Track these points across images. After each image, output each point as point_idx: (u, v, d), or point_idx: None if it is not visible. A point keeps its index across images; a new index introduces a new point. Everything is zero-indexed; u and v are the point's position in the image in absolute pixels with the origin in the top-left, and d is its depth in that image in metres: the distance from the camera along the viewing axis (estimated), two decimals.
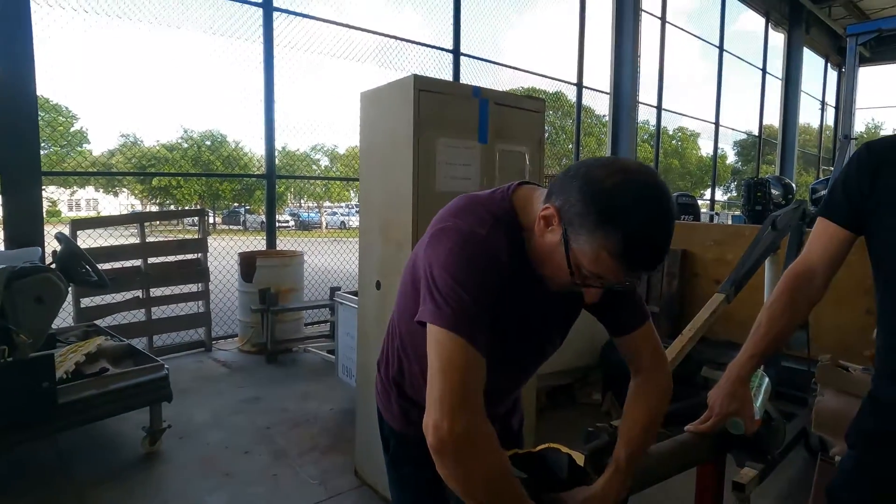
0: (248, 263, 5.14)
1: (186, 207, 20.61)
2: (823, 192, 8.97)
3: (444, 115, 2.34)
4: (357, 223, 3.16)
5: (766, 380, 1.49)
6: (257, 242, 6.12)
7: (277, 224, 6.23)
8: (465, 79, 7.47)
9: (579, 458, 1.11)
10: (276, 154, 5.89)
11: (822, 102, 18.53)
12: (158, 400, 3.12)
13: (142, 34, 5.20)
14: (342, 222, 21.07)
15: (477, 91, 2.43)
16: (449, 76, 7.35)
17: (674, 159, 20.87)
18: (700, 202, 13.46)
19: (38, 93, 4.34)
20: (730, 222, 13.81)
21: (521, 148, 2.63)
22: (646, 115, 11.06)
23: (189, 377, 4.37)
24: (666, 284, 4.64)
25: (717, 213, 13.66)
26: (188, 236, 5.53)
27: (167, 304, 4.98)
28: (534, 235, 0.98)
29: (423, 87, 2.29)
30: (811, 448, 3.27)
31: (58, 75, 4.64)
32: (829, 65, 18.07)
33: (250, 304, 4.98)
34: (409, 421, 1.23)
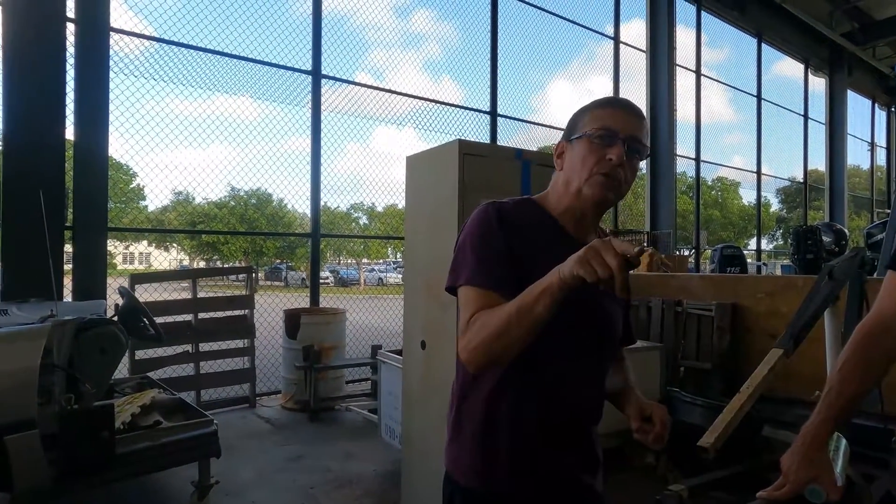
0: (292, 320, 5.23)
1: (232, 263, 21.31)
2: (880, 236, 8.61)
3: (487, 176, 2.40)
4: (394, 279, 3.19)
5: (844, 442, 1.40)
6: (299, 299, 6.24)
7: (319, 276, 6.36)
8: (501, 136, 7.65)
9: None
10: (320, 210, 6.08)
11: (871, 143, 18.04)
12: (208, 455, 3.14)
13: (198, 99, 5.55)
14: (380, 279, 21.32)
15: (519, 153, 2.48)
16: (484, 133, 7.54)
17: (714, 210, 20.55)
18: (745, 252, 13.14)
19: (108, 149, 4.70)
20: (779, 272, 13.35)
21: None
22: (684, 166, 11.01)
23: (234, 433, 4.39)
24: (717, 340, 4.48)
25: (764, 264, 13.23)
26: (233, 292, 5.70)
27: (215, 359, 5.09)
28: (559, 187, 1.21)
29: (467, 150, 2.36)
30: None
31: (121, 135, 4.99)
32: (876, 105, 17.70)
33: (294, 360, 5.03)
34: (477, 472, 1.17)
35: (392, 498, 3.11)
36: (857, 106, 16.41)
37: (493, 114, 7.53)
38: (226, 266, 15.40)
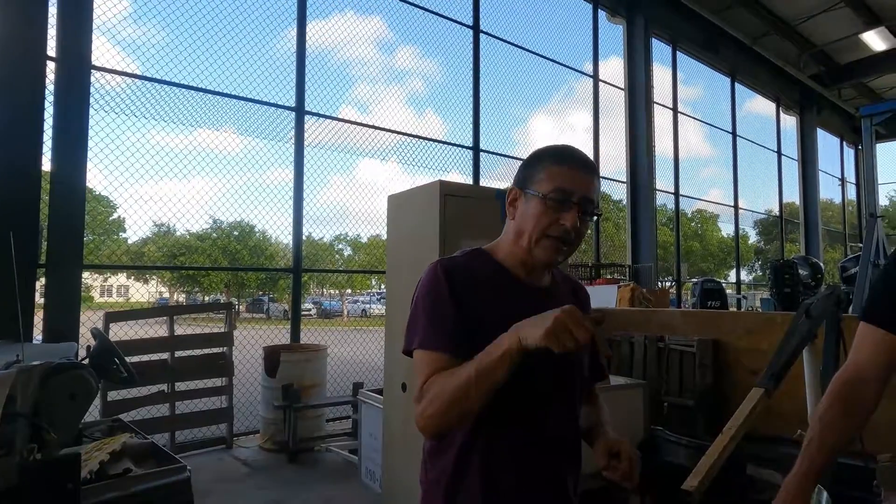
0: (272, 358, 5.13)
1: (213, 295, 20.97)
2: (854, 270, 8.80)
3: (468, 216, 2.41)
4: (378, 311, 3.16)
5: (825, 495, 1.40)
6: (281, 332, 6.14)
7: (300, 311, 6.29)
8: (484, 168, 7.74)
9: None
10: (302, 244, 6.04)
11: (842, 179, 18.59)
12: None
13: (181, 133, 5.54)
14: (363, 310, 21.14)
15: (500, 194, 2.50)
16: (467, 167, 7.62)
17: (694, 242, 20.86)
18: (725, 284, 13.30)
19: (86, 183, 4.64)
20: (758, 303, 13.53)
21: None
22: (663, 199, 11.21)
23: (210, 477, 4.25)
24: (699, 376, 4.48)
25: (744, 297, 13.40)
26: (214, 325, 5.59)
27: (191, 399, 4.95)
28: (510, 236, 1.21)
29: (448, 191, 2.37)
30: None
31: (103, 168, 4.96)
32: (844, 143, 18.31)
33: (273, 399, 4.92)
34: None
35: None
36: (827, 143, 16.96)
37: (476, 149, 7.62)
38: (204, 303, 15.16)
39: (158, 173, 5.47)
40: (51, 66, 4.44)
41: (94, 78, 4.72)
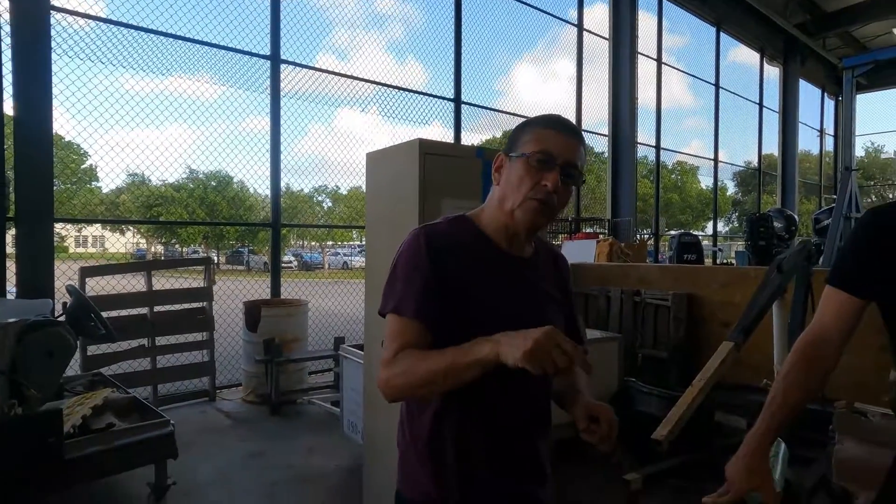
0: (252, 313, 5.13)
1: (192, 247, 20.72)
2: (827, 222, 8.99)
3: (448, 176, 2.38)
4: (359, 263, 3.16)
5: (784, 447, 1.46)
6: (261, 284, 6.12)
7: (280, 266, 6.25)
8: (466, 119, 7.62)
9: None
10: (281, 194, 5.96)
11: (821, 131, 18.71)
12: (164, 457, 3.07)
13: (154, 79, 5.33)
14: (345, 262, 21.14)
15: (480, 152, 2.47)
16: (448, 118, 7.49)
17: (674, 194, 21.03)
18: (702, 234, 13.49)
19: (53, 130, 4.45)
20: (733, 255, 13.81)
21: None
22: (645, 151, 11.20)
23: (193, 429, 4.31)
24: (673, 329, 4.61)
25: (720, 249, 13.66)
26: (193, 278, 5.55)
27: (172, 353, 4.96)
28: (494, 201, 1.21)
29: (428, 150, 2.33)
30: (834, 496, 3.19)
31: (72, 115, 4.78)
32: (825, 94, 18.33)
33: (254, 354, 4.95)
34: (426, 491, 1.18)
35: (354, 494, 3.11)
36: (809, 95, 16.96)
37: (458, 101, 7.47)
38: (182, 258, 14.97)
39: (131, 120, 5.28)
40: (4, 5, 4.18)
41: (56, 20, 4.47)
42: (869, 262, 1.21)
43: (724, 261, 12.87)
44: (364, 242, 3.75)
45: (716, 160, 13.05)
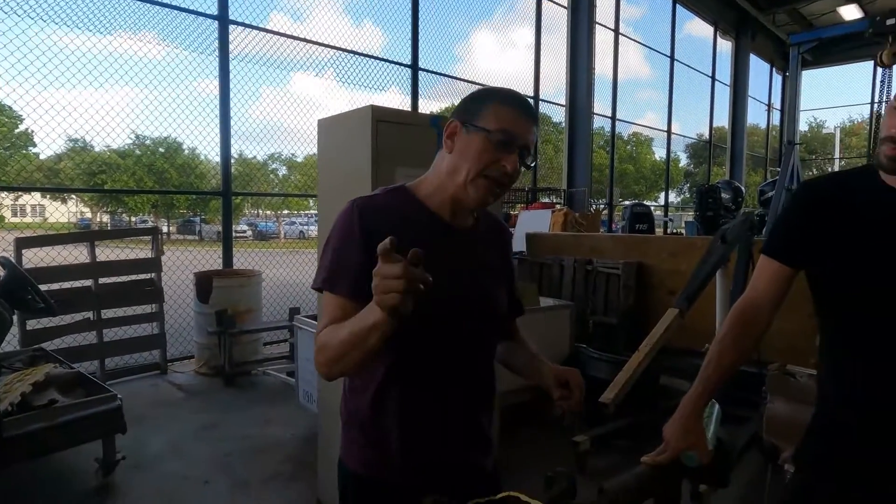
0: (204, 284, 5.01)
1: (139, 216, 19.93)
2: (771, 194, 9.37)
3: (401, 144, 2.34)
4: (316, 233, 3.10)
5: (717, 407, 1.54)
6: (214, 255, 5.97)
7: (234, 234, 6.10)
8: (423, 85, 7.50)
9: None
10: (233, 162, 5.78)
11: (769, 105, 19.29)
12: (111, 432, 3.02)
13: (94, 36, 5.01)
14: (301, 232, 20.77)
15: (435, 121, 2.44)
16: (405, 84, 7.37)
17: (629, 165, 21.38)
18: (655, 204, 13.85)
19: None
20: (683, 225, 14.26)
21: None
22: (601, 121, 11.33)
23: (144, 402, 4.23)
24: (623, 297, 4.76)
25: (670, 219, 14.07)
26: (141, 249, 5.36)
27: (120, 326, 4.82)
28: (444, 170, 1.16)
29: (380, 117, 2.28)
30: (764, 451, 3.41)
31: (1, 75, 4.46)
32: (774, 69, 18.85)
33: (207, 325, 4.86)
34: (369, 461, 1.18)
35: (311, 462, 3.13)
36: (758, 69, 17.40)
37: (415, 67, 7.34)
38: (128, 228, 14.38)
39: (68, 81, 4.96)
40: None
41: None
42: (799, 233, 1.26)
43: (675, 231, 13.27)
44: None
45: (669, 132, 13.33)
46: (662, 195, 15.95)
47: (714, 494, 2.74)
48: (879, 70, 7.97)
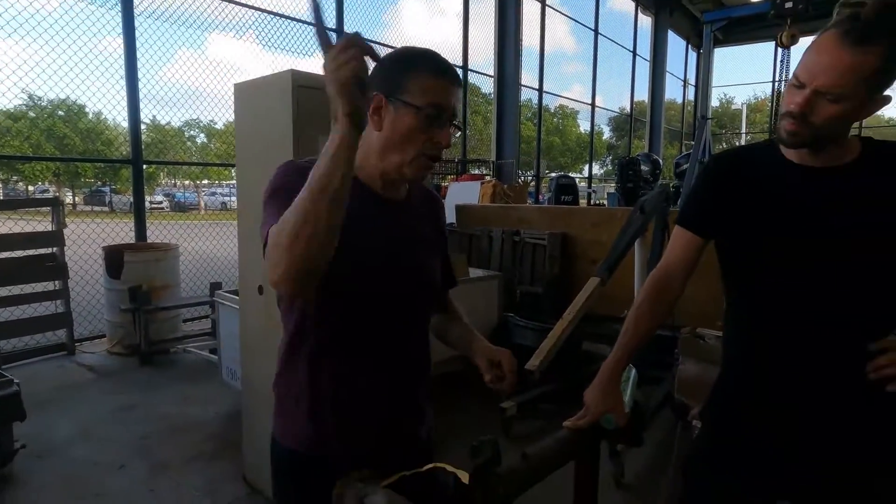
0: (114, 258, 4.69)
1: (39, 185, 18.31)
2: (686, 166, 9.88)
3: (325, 112, 2.24)
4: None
5: (633, 372, 1.62)
6: (127, 227, 5.58)
7: (150, 205, 5.73)
8: None
9: (464, 476, 1.13)
10: (144, 128, 5.39)
11: (684, 81, 20.19)
12: (7, 420, 2.80)
13: None
14: (223, 203, 19.84)
15: None
16: None
17: (555, 137, 21.84)
18: (580, 176, 14.26)
19: None
20: (605, 196, 14.80)
21: None
22: (528, 94, 11.44)
23: (49, 386, 3.95)
24: (549, 267, 4.89)
25: (594, 190, 14.56)
26: (39, 221, 4.93)
27: (17, 305, 4.44)
28: (374, 148, 1.09)
29: (301, 82, 2.18)
30: (674, 409, 3.65)
31: None
32: (689, 46, 19.68)
33: (119, 302, 4.57)
34: (304, 436, 1.15)
35: (235, 440, 3.04)
36: (676, 46, 18.11)
37: (340, 32, 7.07)
38: (25, 198, 13.15)
39: None
40: None
41: None
42: (708, 205, 1.32)
43: (598, 202, 13.76)
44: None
45: (593, 105, 13.68)
46: (587, 167, 16.47)
47: (629, 452, 2.94)
48: (780, 50, 8.50)
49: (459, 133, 1.15)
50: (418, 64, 1.08)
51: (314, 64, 7.25)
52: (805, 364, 1.22)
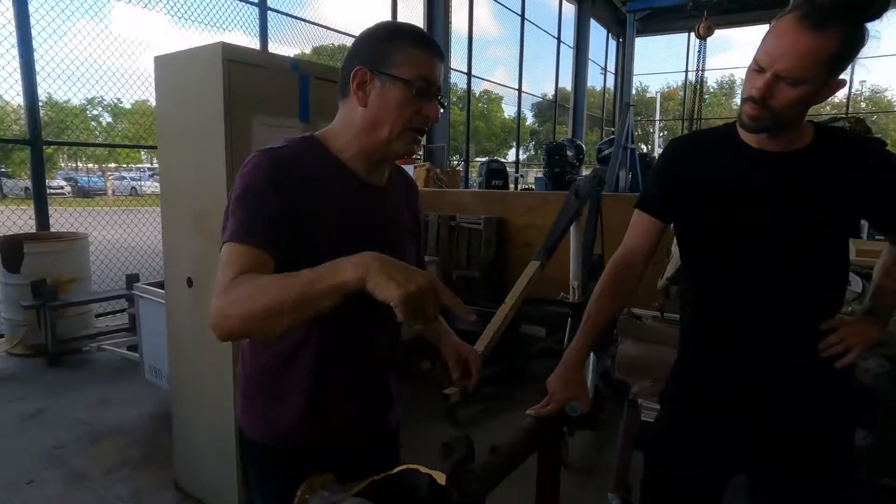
0: (12, 250, 4.23)
1: None
2: (608, 151, 10.21)
3: (259, 90, 2.09)
4: (151, 189, 2.72)
5: (592, 357, 1.63)
6: (23, 215, 5.05)
7: (50, 191, 5.22)
8: (274, 33, 6.90)
9: (440, 477, 1.09)
10: (41, 105, 4.88)
11: (605, 69, 20.87)
12: None
13: None
14: (133, 188, 18.50)
15: (296, 64, 2.20)
16: (253, 27, 6.71)
17: (481, 122, 22.00)
18: (505, 161, 14.45)
19: None
20: (532, 181, 15.10)
21: None
22: (456, 77, 11.40)
23: None
24: (484, 251, 4.91)
25: (521, 175, 14.81)
26: None
27: None
28: (360, 125, 1.05)
29: (233, 56, 2.01)
30: (613, 387, 3.78)
31: None
32: (610, 35, 20.33)
33: (19, 298, 4.13)
34: (274, 428, 1.12)
35: (164, 444, 2.84)
36: (598, 34, 18.65)
37: (263, 6, 6.70)
38: None
39: None
40: None
41: None
42: (667, 189, 1.33)
43: (525, 186, 14.01)
44: (157, 165, 3.24)
45: (520, 90, 13.84)
46: (511, 152, 16.71)
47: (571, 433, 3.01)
48: (697, 41, 8.96)
49: (444, 106, 1.12)
50: (404, 37, 1.05)
51: (232, 41, 6.83)
52: (760, 345, 1.25)
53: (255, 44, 6.72)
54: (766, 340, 1.25)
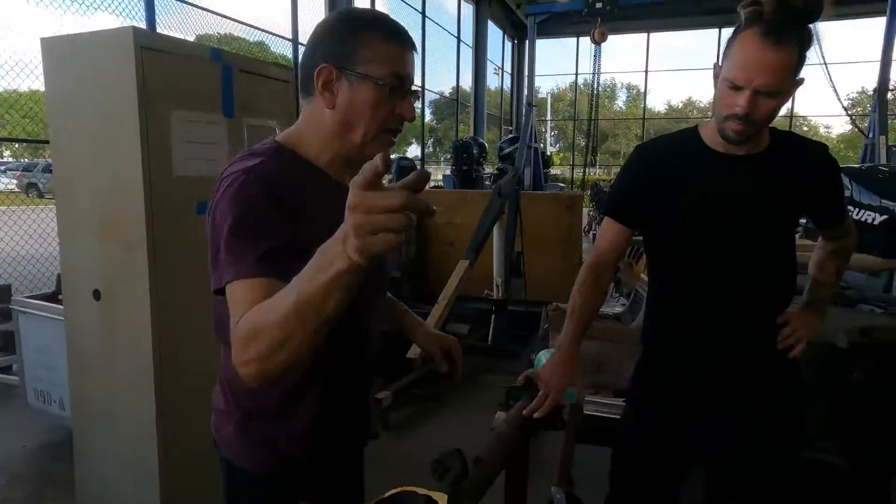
0: None
1: None
2: (509, 150, 10.52)
3: (177, 81, 1.90)
4: (6, 185, 2.38)
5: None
6: None
7: None
8: (161, 17, 6.31)
9: (440, 497, 1.04)
10: None
11: (501, 69, 21.44)
12: None
13: None
14: None
15: (218, 54, 2.02)
16: (138, 13, 6.11)
17: None
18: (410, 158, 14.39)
19: None
20: (440, 177, 15.22)
21: (271, 122, 2.32)
22: None
23: None
24: (405, 251, 4.86)
25: (430, 172, 14.83)
26: None
27: None
28: (331, 128, 0.96)
29: (146, 43, 1.80)
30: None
31: None
32: (505, 36, 20.90)
33: None
34: (256, 456, 1.04)
35: (57, 477, 2.52)
36: (495, 35, 19.13)
37: None
38: None
39: None
40: None
41: None
42: (635, 196, 1.38)
43: (433, 184, 14.05)
44: (12, 159, 2.84)
45: (423, 88, 13.86)
46: (410, 149, 16.73)
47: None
48: (592, 46, 9.47)
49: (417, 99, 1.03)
50: (370, 27, 0.95)
51: (104, 25, 6.17)
52: (720, 340, 1.32)
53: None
54: (726, 335, 1.32)
